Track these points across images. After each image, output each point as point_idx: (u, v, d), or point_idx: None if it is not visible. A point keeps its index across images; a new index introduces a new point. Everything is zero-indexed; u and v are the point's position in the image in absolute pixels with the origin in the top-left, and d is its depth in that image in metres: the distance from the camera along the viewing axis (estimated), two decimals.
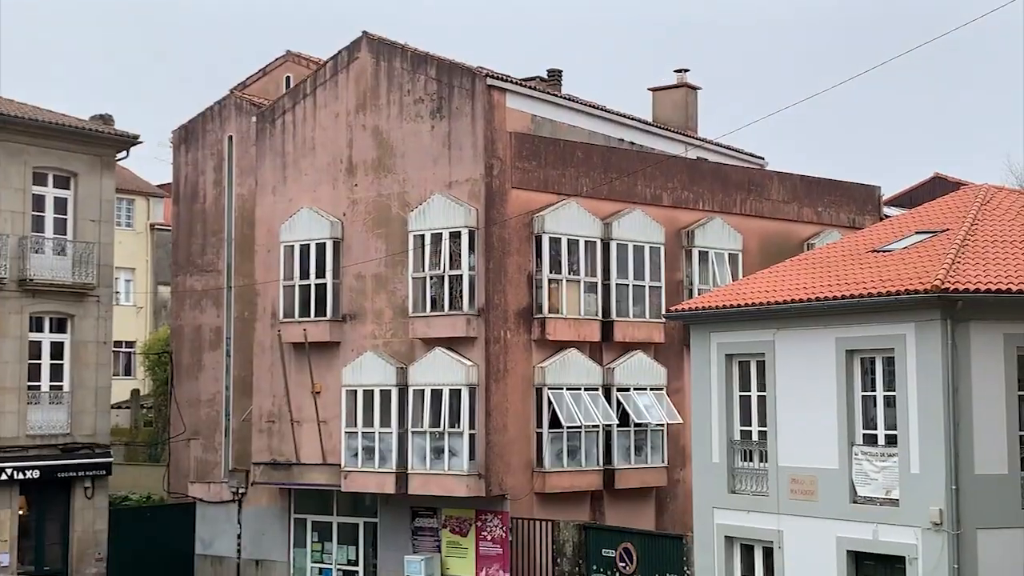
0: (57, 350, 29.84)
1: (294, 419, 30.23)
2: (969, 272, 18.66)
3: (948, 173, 41.34)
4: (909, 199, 39.30)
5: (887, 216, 32.77)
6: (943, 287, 18.01)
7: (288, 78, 35.37)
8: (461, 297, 27.56)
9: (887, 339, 18.93)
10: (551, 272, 28.22)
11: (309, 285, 29.94)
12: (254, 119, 32.11)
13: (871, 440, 19.37)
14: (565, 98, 31.17)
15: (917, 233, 21.48)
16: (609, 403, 28.71)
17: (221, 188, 34.17)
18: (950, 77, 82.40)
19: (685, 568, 23.60)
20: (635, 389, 29.16)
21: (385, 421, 28.35)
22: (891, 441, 19.02)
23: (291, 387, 30.31)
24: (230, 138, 34.08)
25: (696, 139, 34.56)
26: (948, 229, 20.96)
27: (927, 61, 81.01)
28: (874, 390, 19.42)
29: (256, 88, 35.85)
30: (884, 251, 21.08)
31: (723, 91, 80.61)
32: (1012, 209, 21.60)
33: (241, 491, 31.82)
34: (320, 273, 29.79)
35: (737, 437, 21.37)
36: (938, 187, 38.42)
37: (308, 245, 30.02)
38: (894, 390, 18.93)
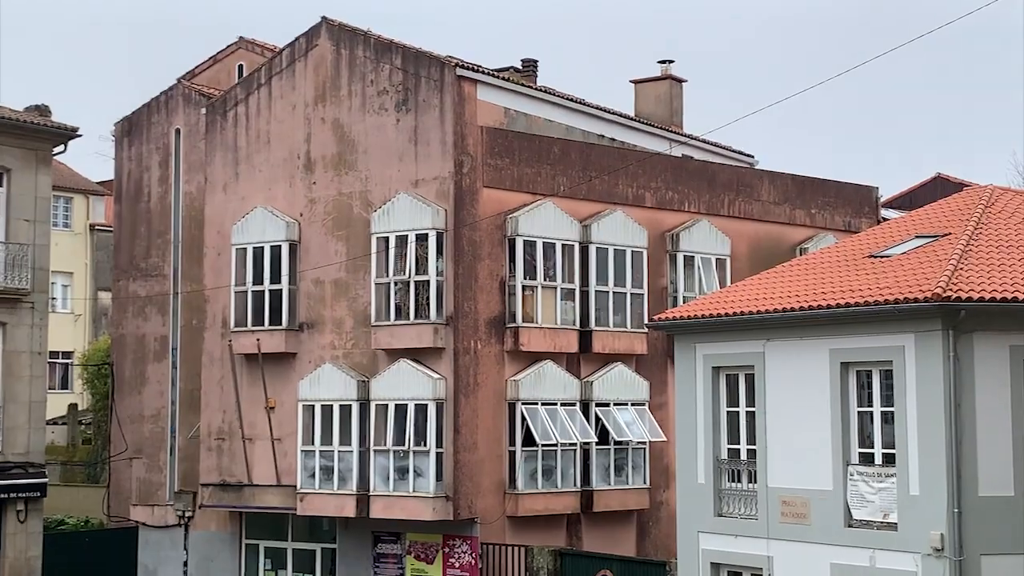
0: None
1: (246, 436, 30.10)
2: (972, 279, 18.79)
3: (950, 173, 41.66)
4: (909, 200, 39.58)
5: (885, 219, 32.97)
6: (944, 295, 18.13)
7: (241, 66, 35.25)
8: (428, 305, 27.53)
9: (885, 351, 19.03)
10: (525, 278, 28.25)
11: (263, 291, 29.84)
12: (203, 111, 32.01)
13: (867, 459, 19.47)
14: (541, 90, 31.21)
15: (917, 237, 21.62)
16: (587, 419, 28.75)
17: (167, 185, 34.02)
18: (953, 72, 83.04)
19: None
20: (615, 404, 29.21)
21: (345, 439, 28.27)
22: (889, 460, 19.12)
23: (243, 402, 30.19)
24: (177, 131, 33.93)
25: (681, 135, 34.70)
26: (950, 233, 21.12)
27: (929, 55, 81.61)
28: (871, 405, 19.51)
29: (206, 77, 35.72)
30: (882, 256, 21.21)
31: (711, 84, 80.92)
32: (1018, 212, 21.78)
33: (188, 514, 31.62)
34: (275, 278, 29.71)
35: (724, 456, 21.44)
36: (940, 188, 38.71)
37: (262, 248, 29.92)
38: (892, 406, 19.02)
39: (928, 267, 19.58)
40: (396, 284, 28.07)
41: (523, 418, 27.90)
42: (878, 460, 19.34)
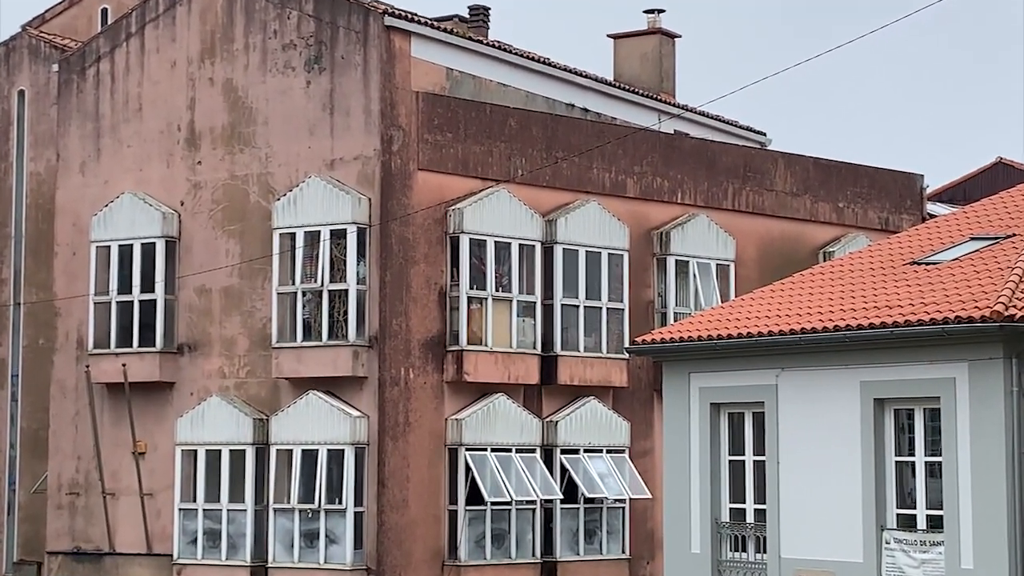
0: None
1: (107, 491, 29.90)
2: None
3: (1014, 157, 42.13)
4: (962, 192, 39.99)
5: (932, 215, 33.27)
6: (1007, 314, 18.27)
7: (105, 10, 35.11)
8: (346, 321, 27.47)
9: (930, 384, 19.15)
10: (472, 287, 28.25)
11: (131, 302, 29.67)
12: (55, 68, 31.82)
13: (908, 523, 19.59)
14: (493, 46, 31.23)
15: (972, 239, 21.80)
16: (550, 470, 28.76)
17: (7, 164, 33.80)
18: (1015, 34, 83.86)
19: None
20: (586, 451, 29.24)
21: (236, 494, 28.15)
22: (935, 524, 19.25)
23: (104, 446, 29.98)
24: (21, 93, 33.74)
25: (674, 106, 34.82)
26: (1015, 234, 21.32)
27: (986, 12, 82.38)
28: (912, 454, 19.63)
29: (59, 24, 35.52)
30: (927, 264, 21.38)
31: (712, 41, 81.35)
32: None
33: None
34: (147, 286, 29.54)
35: (725, 518, 21.51)
36: (1001, 176, 39.13)
37: (130, 246, 29.75)
38: (939, 454, 19.14)
39: (986, 278, 19.73)
40: (305, 294, 27.97)
41: (468, 468, 27.86)
42: (921, 524, 19.46)
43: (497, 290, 28.57)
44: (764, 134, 36.92)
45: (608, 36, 37.11)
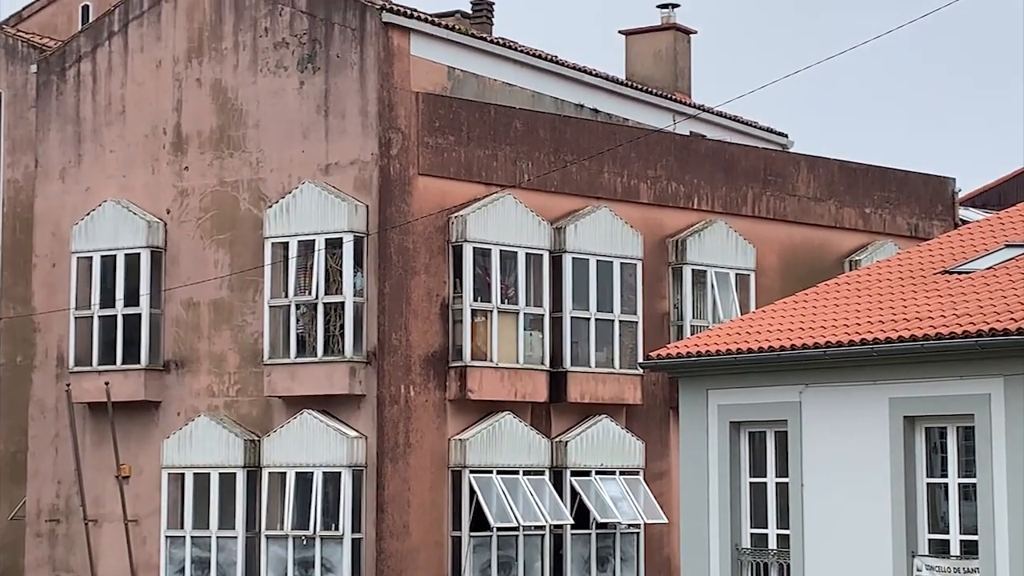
0: None
1: (89, 517, 29.89)
2: None
3: None
4: (997, 196, 39.98)
5: (965, 221, 33.24)
6: None
7: (86, 8, 35.26)
8: (342, 336, 27.50)
9: (964, 401, 19.12)
10: (476, 299, 28.27)
11: (114, 316, 29.72)
12: (34, 68, 31.90)
13: (940, 549, 19.55)
14: (498, 43, 31.27)
15: (1007, 247, 21.80)
16: (560, 494, 28.76)
17: None
18: None
19: None
20: (598, 473, 29.22)
21: (227, 520, 28.17)
22: (969, 550, 19.21)
23: (85, 469, 29.98)
24: None
25: (690, 106, 34.83)
26: None
27: (1021, 9, 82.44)
28: (945, 475, 19.59)
29: (38, 22, 35.67)
30: (959, 272, 21.36)
31: (729, 37, 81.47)
32: None
33: None
34: (131, 299, 29.59)
35: (746, 544, 21.49)
36: None
37: (113, 257, 29.79)
38: (974, 475, 19.11)
39: (1022, 287, 19.72)
40: (299, 308, 27.99)
41: (472, 492, 27.87)
42: (955, 550, 19.43)
43: (503, 302, 28.57)
44: (786, 135, 36.92)
45: (620, 32, 37.20)
